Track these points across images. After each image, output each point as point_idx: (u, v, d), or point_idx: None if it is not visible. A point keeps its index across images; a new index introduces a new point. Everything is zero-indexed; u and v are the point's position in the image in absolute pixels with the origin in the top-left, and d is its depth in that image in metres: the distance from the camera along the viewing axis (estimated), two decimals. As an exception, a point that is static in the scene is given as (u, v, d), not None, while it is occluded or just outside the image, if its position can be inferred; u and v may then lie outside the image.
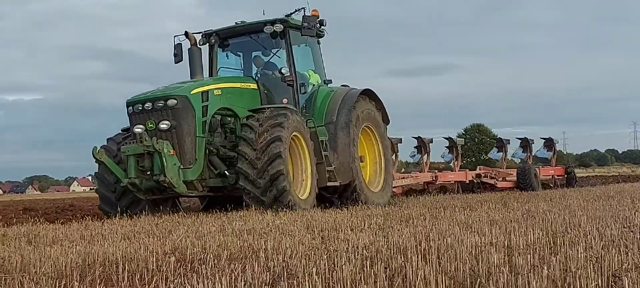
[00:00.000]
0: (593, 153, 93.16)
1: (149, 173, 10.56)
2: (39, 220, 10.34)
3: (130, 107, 11.09)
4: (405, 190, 18.07)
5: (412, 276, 3.69)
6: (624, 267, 3.83)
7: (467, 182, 18.88)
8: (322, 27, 12.96)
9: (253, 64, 13.12)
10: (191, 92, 11.04)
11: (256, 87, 12.31)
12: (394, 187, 15.70)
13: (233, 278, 3.83)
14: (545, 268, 3.66)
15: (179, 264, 4.55)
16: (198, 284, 3.73)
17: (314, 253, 4.73)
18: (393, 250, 4.76)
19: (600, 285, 3.43)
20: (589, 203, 9.44)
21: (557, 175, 21.28)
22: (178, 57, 12.71)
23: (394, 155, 17.47)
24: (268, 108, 11.36)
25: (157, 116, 10.85)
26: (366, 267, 3.93)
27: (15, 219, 11.55)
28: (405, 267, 3.90)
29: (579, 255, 4.12)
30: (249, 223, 7.81)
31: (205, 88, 11.34)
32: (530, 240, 5.06)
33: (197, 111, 10.99)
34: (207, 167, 11.13)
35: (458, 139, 19.72)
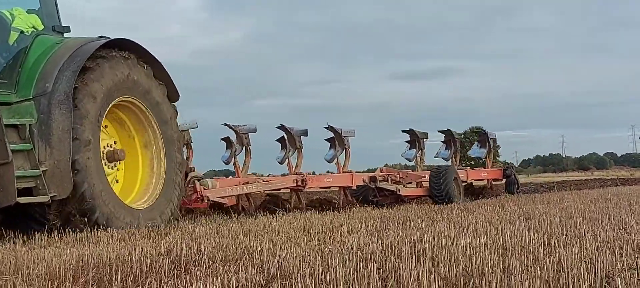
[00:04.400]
0: (592, 156, 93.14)
1: None
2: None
3: None
4: (272, 200, 12.39)
5: (406, 277, 3.68)
6: (617, 267, 3.83)
7: (355, 187, 13.19)
8: None
9: None
10: None
11: None
12: (223, 197, 10.71)
13: (227, 279, 3.82)
14: (539, 268, 3.66)
15: (173, 265, 4.54)
16: (191, 285, 3.73)
17: (309, 255, 4.73)
18: (387, 251, 4.75)
19: (593, 286, 3.42)
20: (586, 206, 9.43)
21: (493, 179, 16.49)
22: None
23: (245, 149, 11.92)
24: None
25: None
26: (360, 268, 3.93)
27: None
28: (399, 268, 3.90)
29: (573, 256, 4.12)
30: (245, 226, 7.81)
31: None
32: (525, 241, 5.06)
33: None
34: None
35: (345, 130, 13.48)
